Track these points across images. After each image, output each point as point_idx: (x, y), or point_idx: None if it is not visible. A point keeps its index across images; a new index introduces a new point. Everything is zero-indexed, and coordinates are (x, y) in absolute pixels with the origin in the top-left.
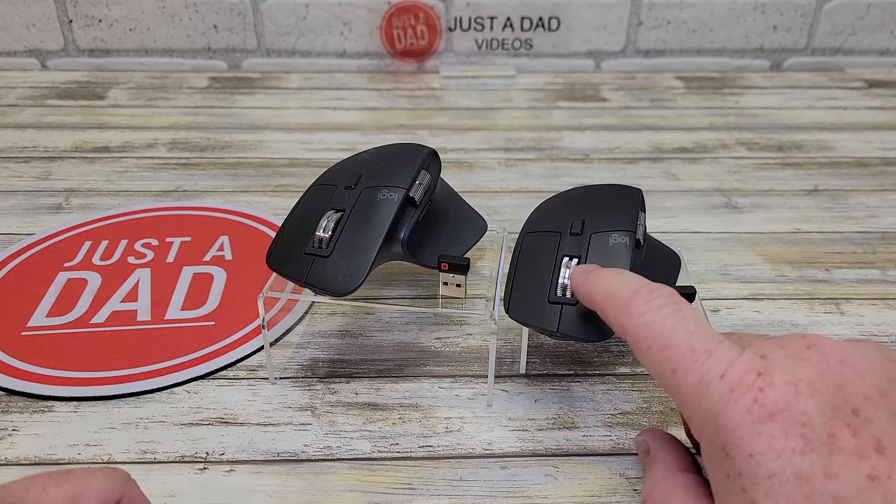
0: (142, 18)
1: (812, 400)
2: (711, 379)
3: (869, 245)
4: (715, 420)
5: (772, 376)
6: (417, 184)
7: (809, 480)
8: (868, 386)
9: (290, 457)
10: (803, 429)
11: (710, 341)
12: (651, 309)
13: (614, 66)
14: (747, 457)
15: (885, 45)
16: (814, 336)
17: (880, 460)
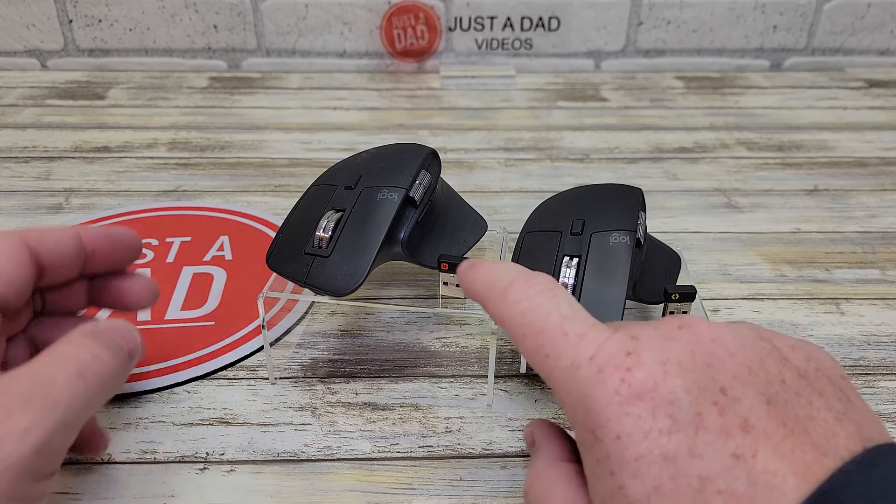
0: (142, 18)
1: (680, 379)
2: (581, 361)
3: (869, 245)
4: (584, 403)
5: (640, 356)
6: (417, 184)
7: (675, 460)
8: (738, 365)
9: (290, 457)
10: (670, 408)
11: (583, 325)
12: (527, 296)
13: (614, 66)
14: (615, 439)
15: (886, 45)
16: (688, 317)
17: (745, 439)
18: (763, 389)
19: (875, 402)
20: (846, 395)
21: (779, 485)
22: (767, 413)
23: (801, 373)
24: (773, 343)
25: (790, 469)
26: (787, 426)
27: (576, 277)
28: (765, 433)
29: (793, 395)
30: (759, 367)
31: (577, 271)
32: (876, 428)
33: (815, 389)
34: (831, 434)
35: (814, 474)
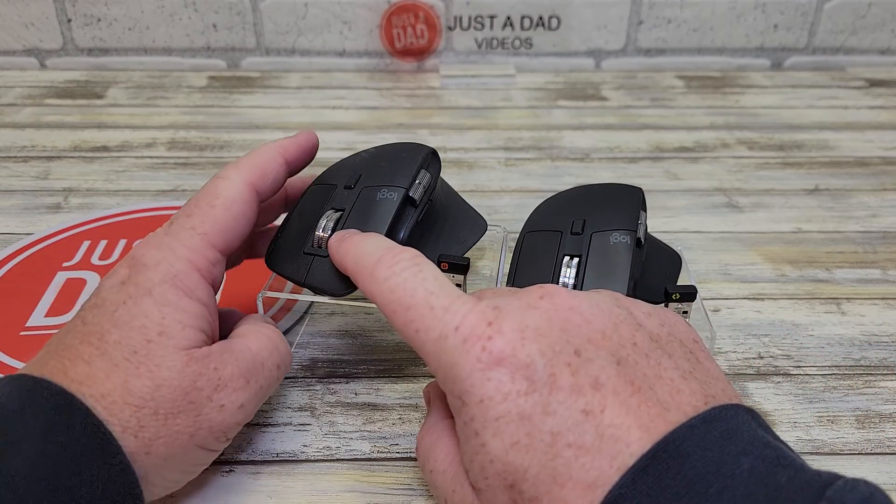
0: (141, 17)
1: (536, 344)
2: (448, 333)
3: (870, 245)
4: (452, 371)
5: (501, 325)
6: (417, 183)
7: (531, 418)
8: (593, 330)
9: (290, 457)
10: (527, 371)
11: (448, 297)
12: (394, 273)
13: (615, 66)
14: (478, 402)
15: (886, 45)
16: (549, 286)
17: (595, 396)
18: (615, 351)
19: (876, 402)
20: (696, 357)
21: (623, 437)
22: (617, 373)
23: (654, 337)
24: (630, 310)
25: (634, 422)
26: (635, 384)
27: (576, 277)
28: (613, 390)
29: (643, 356)
30: (612, 331)
31: (578, 271)
32: (720, 386)
33: (664, 351)
34: (676, 391)
35: (656, 427)
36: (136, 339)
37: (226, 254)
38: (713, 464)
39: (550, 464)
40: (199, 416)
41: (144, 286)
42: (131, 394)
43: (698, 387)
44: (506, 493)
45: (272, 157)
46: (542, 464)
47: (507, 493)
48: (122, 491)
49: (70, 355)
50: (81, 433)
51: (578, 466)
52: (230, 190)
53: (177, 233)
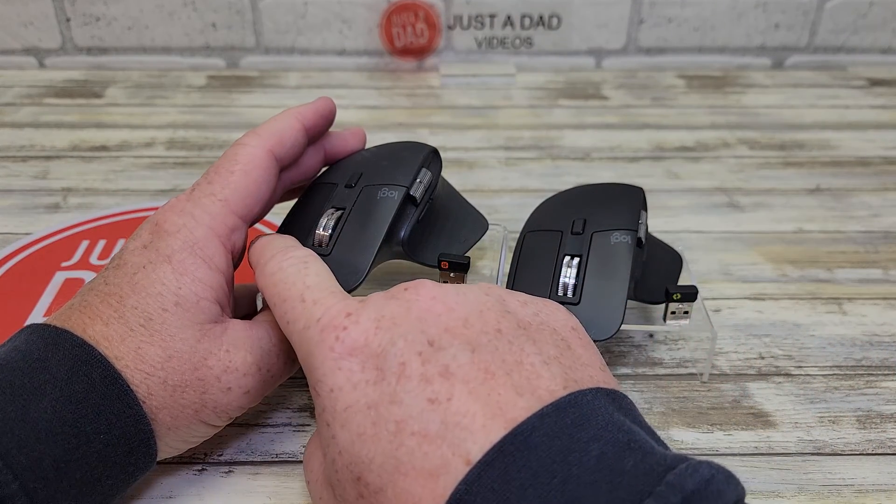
0: (140, 17)
1: (389, 333)
2: (311, 324)
3: (871, 245)
4: (308, 361)
5: (359, 316)
6: (418, 182)
7: (377, 407)
8: (453, 318)
9: (289, 458)
10: (377, 360)
11: (322, 292)
12: (280, 268)
13: (615, 65)
14: (329, 392)
15: (888, 44)
16: (417, 280)
17: (443, 384)
18: (472, 339)
19: (877, 402)
20: (567, 343)
21: (468, 425)
22: (471, 360)
23: (522, 324)
24: (502, 298)
25: (481, 410)
26: (489, 371)
27: (577, 277)
28: (464, 379)
29: (505, 342)
30: (476, 318)
31: (579, 271)
32: (588, 372)
33: (530, 337)
34: (535, 376)
35: (505, 414)
36: (153, 306)
37: (246, 220)
38: (560, 452)
39: (394, 453)
40: (205, 394)
41: (164, 252)
42: (143, 360)
43: (560, 371)
44: (353, 486)
45: (291, 123)
46: (387, 453)
47: (355, 487)
48: (137, 440)
49: (90, 313)
50: (101, 382)
51: (421, 455)
52: (250, 156)
53: (198, 199)
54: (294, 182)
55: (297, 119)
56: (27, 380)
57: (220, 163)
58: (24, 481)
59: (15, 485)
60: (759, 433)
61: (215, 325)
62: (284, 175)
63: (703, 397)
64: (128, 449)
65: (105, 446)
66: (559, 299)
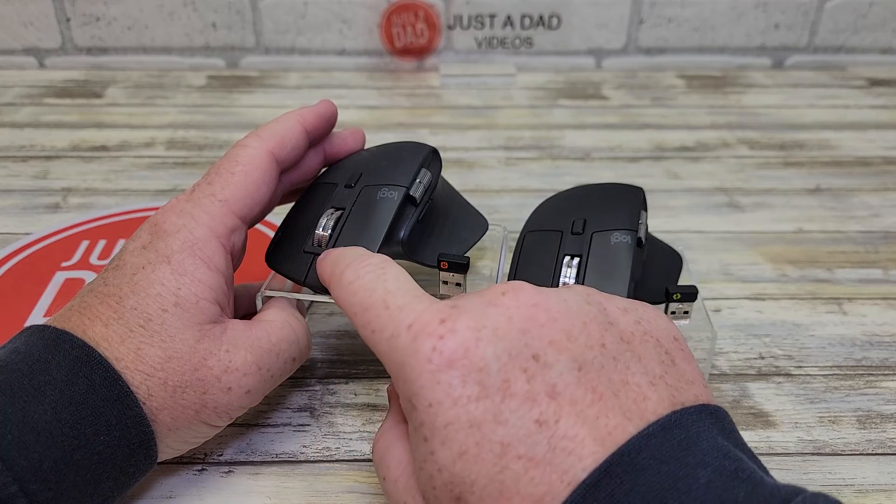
0: (140, 17)
1: (491, 346)
2: (400, 331)
3: (871, 245)
4: (402, 372)
5: (455, 323)
6: (418, 182)
7: (481, 427)
8: (557, 330)
9: (289, 458)
10: (480, 375)
11: (405, 296)
12: (357, 276)
13: (615, 65)
14: (427, 406)
15: (888, 44)
16: (515, 282)
17: (550, 405)
18: (578, 355)
19: (877, 402)
20: (671, 357)
21: (576, 450)
22: (577, 379)
23: (626, 337)
24: (603, 306)
25: (590, 434)
26: (597, 391)
27: (577, 277)
28: (571, 399)
29: (610, 359)
30: (580, 331)
31: (579, 271)
32: (694, 391)
33: (634, 354)
34: (642, 398)
35: (613, 439)
36: (152, 307)
37: (246, 221)
38: (669, 478)
39: (498, 476)
40: (206, 395)
41: (164, 252)
42: (143, 361)
43: (667, 393)
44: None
45: (292, 125)
46: (490, 476)
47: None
48: (137, 441)
49: (90, 315)
50: (101, 384)
51: (527, 480)
52: (250, 157)
53: (197, 199)
54: (294, 184)
55: (298, 121)
56: (27, 381)
57: (220, 164)
58: (24, 483)
59: (15, 487)
60: (759, 433)
61: (215, 326)
62: (284, 177)
63: None
64: (128, 450)
65: (105, 448)
66: None
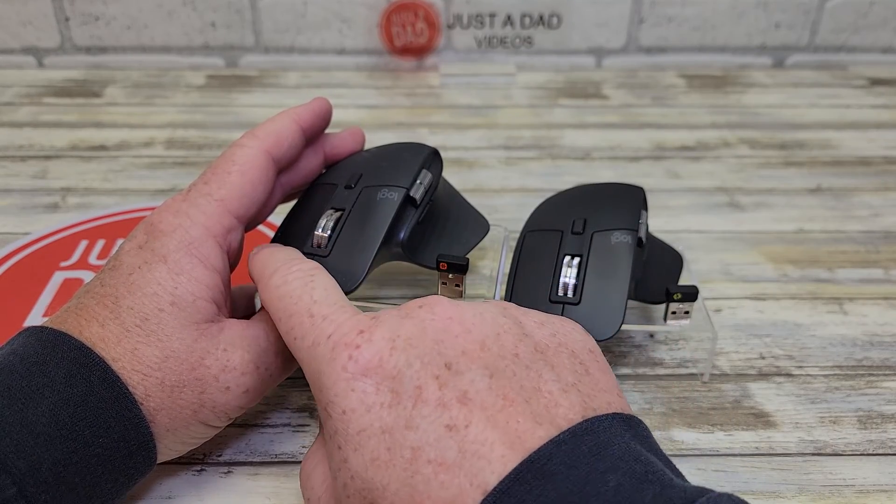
0: (139, 16)
1: (404, 354)
2: (320, 340)
3: (872, 245)
4: (318, 380)
5: (373, 334)
6: (418, 183)
7: (392, 432)
8: (470, 341)
9: (288, 458)
10: (393, 383)
11: (330, 307)
12: (285, 282)
13: (616, 64)
14: (341, 414)
15: (888, 43)
16: (431, 297)
17: (461, 410)
18: (490, 363)
19: (878, 402)
20: (585, 367)
21: (486, 454)
22: (489, 386)
23: (540, 347)
24: (518, 320)
25: (500, 439)
26: (508, 397)
27: (577, 277)
28: (482, 405)
29: (523, 368)
30: (493, 341)
31: (579, 271)
32: (606, 399)
33: (548, 363)
34: (553, 405)
35: (524, 444)
36: (149, 307)
37: (242, 221)
38: (578, 483)
39: (409, 481)
40: (203, 394)
41: (160, 252)
42: (140, 361)
43: (578, 399)
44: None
45: (287, 124)
46: (402, 481)
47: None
48: (136, 443)
49: (87, 315)
50: (99, 385)
51: (438, 484)
52: (247, 157)
53: (194, 199)
54: (294, 186)
55: (293, 120)
56: (25, 383)
57: (216, 163)
58: (23, 486)
59: (13, 489)
60: (759, 433)
61: (212, 325)
62: (285, 178)
63: (704, 397)
64: (127, 452)
65: (104, 450)
66: (559, 299)
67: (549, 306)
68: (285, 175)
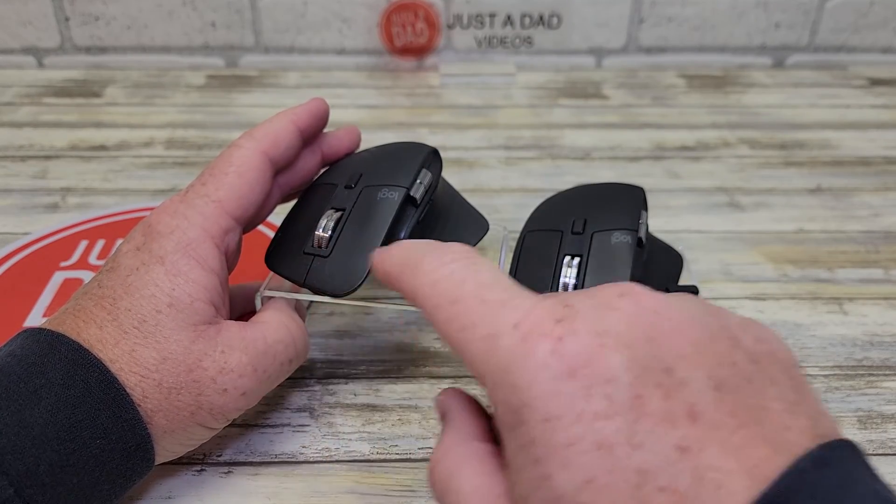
0: (139, 16)
1: (618, 354)
2: (503, 330)
3: (872, 244)
4: (506, 378)
5: (574, 324)
6: (418, 183)
7: (612, 450)
8: (685, 343)
9: (289, 458)
10: (607, 388)
11: (506, 291)
12: (442, 264)
13: (616, 64)
14: (542, 421)
15: (888, 43)
16: (629, 284)
17: (692, 429)
18: (713, 372)
19: (878, 402)
20: (798, 384)
21: (727, 484)
22: (716, 400)
23: (753, 357)
24: (723, 320)
25: (740, 467)
26: (738, 417)
27: (577, 277)
28: (713, 424)
29: (744, 381)
30: (707, 346)
31: (579, 271)
32: (827, 423)
33: (767, 376)
34: (784, 428)
35: (763, 473)
36: (146, 308)
37: (240, 222)
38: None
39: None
40: (201, 396)
41: (157, 254)
42: (137, 363)
43: (808, 424)
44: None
45: (284, 125)
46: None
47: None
48: (134, 444)
49: (84, 317)
50: (97, 387)
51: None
52: (244, 158)
53: (191, 200)
54: (293, 186)
55: (291, 121)
56: (23, 385)
57: (214, 164)
58: (20, 487)
59: (10, 490)
60: None
61: (210, 327)
62: (283, 179)
63: None
64: (125, 453)
65: (102, 451)
66: None
67: None
68: (283, 176)
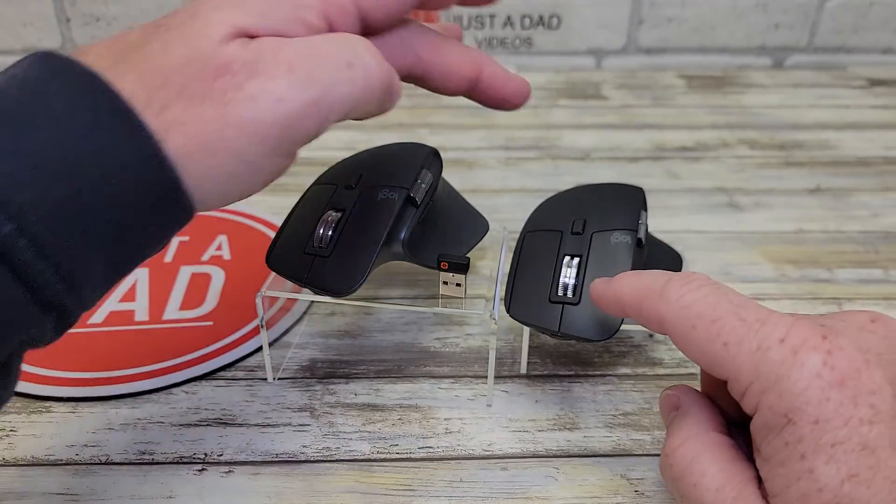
0: (139, 16)
1: (881, 370)
2: (770, 344)
3: (871, 245)
4: (777, 385)
5: (839, 340)
6: (419, 183)
7: (875, 452)
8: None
9: (289, 458)
10: (872, 398)
11: (760, 311)
12: (690, 290)
13: (615, 65)
14: (812, 423)
15: (888, 44)
16: (877, 312)
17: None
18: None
19: None
20: None
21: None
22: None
23: None
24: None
25: None
26: None
27: (577, 277)
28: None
29: None
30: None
31: (579, 271)
32: None
33: None
34: None
35: None
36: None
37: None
38: None
39: None
40: (227, 107)
41: None
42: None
43: None
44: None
45: None
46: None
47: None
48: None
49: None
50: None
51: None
52: None
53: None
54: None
55: None
56: (21, 109)
57: None
58: (24, 224)
59: (10, 226)
60: None
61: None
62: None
63: None
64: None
65: (121, 192)
66: (559, 299)
67: (548, 306)
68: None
